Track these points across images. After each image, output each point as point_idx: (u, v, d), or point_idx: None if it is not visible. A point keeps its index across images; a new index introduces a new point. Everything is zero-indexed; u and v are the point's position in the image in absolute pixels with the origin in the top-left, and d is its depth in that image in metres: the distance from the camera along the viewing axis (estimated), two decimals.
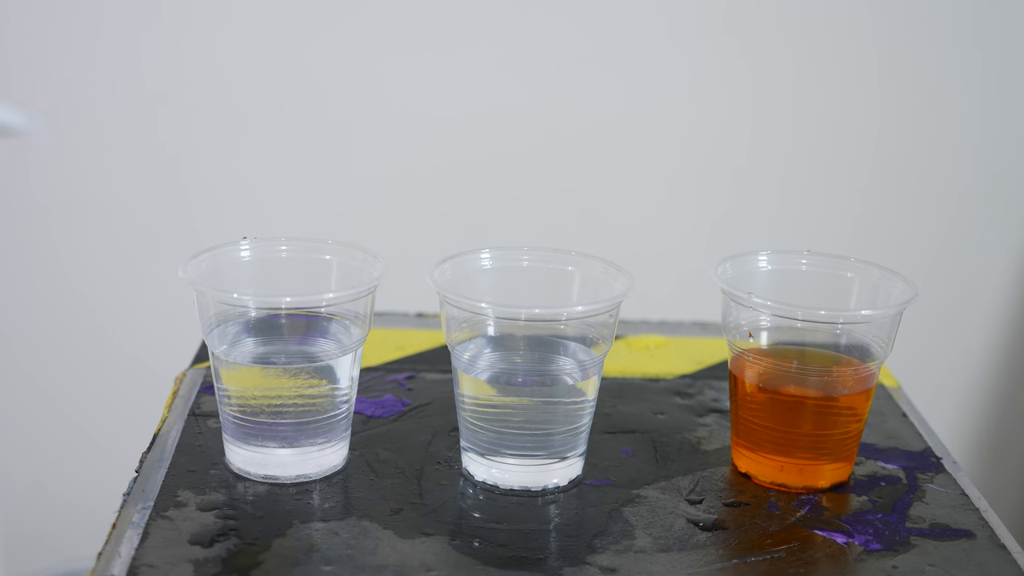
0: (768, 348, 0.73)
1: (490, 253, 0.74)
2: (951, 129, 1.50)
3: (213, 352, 0.70)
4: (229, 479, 0.71)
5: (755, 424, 0.73)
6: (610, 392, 0.84)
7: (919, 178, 1.52)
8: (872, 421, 0.81)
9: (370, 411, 0.80)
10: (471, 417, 0.71)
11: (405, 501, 0.70)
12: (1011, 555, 0.67)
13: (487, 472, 0.71)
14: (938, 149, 1.51)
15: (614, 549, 0.66)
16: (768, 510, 0.71)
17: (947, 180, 1.52)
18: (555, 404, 0.70)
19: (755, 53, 1.45)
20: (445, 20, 1.39)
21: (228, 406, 0.71)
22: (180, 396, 0.82)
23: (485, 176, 1.44)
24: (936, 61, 1.47)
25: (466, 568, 0.64)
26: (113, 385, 1.49)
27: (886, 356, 0.72)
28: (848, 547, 0.67)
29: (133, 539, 0.65)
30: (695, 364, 0.91)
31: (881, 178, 1.52)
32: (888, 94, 1.48)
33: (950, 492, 0.73)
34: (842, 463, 0.73)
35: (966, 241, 1.55)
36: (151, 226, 1.43)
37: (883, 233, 1.53)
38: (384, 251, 0.73)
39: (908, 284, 0.73)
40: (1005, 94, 1.49)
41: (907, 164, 1.52)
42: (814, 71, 1.47)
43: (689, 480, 0.74)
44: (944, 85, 1.48)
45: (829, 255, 0.76)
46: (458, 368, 0.71)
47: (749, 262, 0.76)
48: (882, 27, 1.46)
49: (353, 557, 0.64)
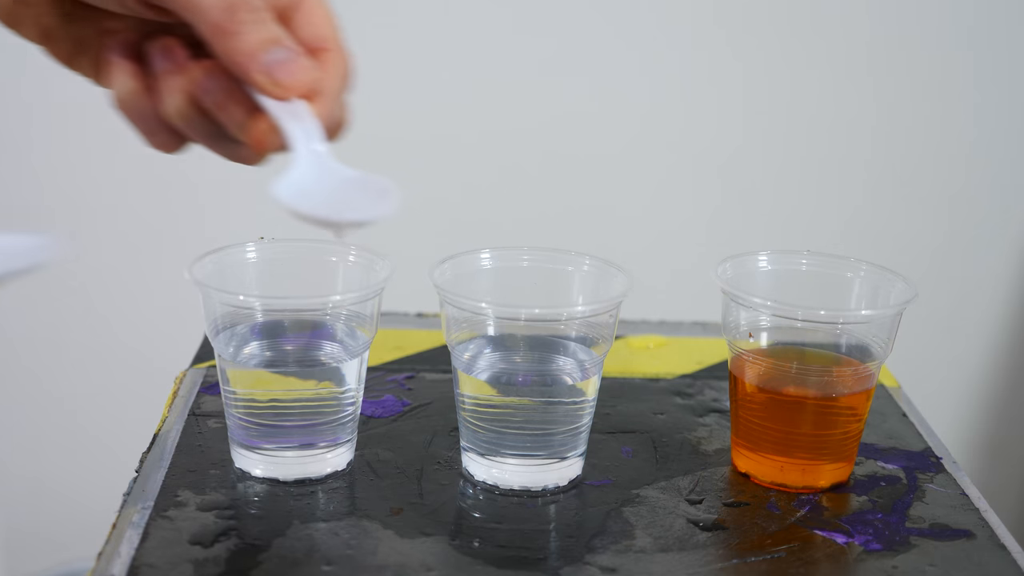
0: (768, 348, 0.73)
1: (490, 253, 0.74)
2: (951, 128, 1.50)
3: (220, 354, 0.70)
4: (229, 479, 0.71)
5: (755, 424, 0.73)
6: (610, 392, 0.84)
7: (919, 178, 1.52)
8: (872, 421, 0.81)
9: (370, 411, 0.80)
10: (471, 417, 0.71)
11: (405, 501, 0.70)
12: (1011, 555, 0.67)
13: (487, 472, 0.71)
14: (938, 149, 1.51)
15: (614, 549, 0.66)
16: (768, 510, 0.71)
17: (947, 180, 1.53)
18: (555, 404, 0.70)
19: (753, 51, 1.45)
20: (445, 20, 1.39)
21: (235, 408, 0.71)
22: (180, 396, 0.82)
23: (485, 176, 1.44)
24: (935, 60, 1.47)
25: (466, 568, 0.64)
26: (114, 384, 1.49)
27: (886, 356, 0.72)
28: (848, 547, 0.67)
29: (133, 539, 0.65)
30: (695, 364, 0.91)
31: (881, 178, 1.52)
32: (888, 93, 1.48)
33: (950, 492, 0.73)
34: (842, 463, 0.73)
35: (966, 241, 1.55)
36: (155, 226, 1.43)
37: (883, 233, 1.53)
38: (384, 251, 0.73)
39: (908, 284, 0.73)
40: (1005, 94, 1.49)
41: (907, 164, 1.52)
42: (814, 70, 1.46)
43: (689, 480, 0.74)
44: (944, 84, 1.48)
45: (829, 255, 0.76)
46: (458, 368, 0.71)
47: (749, 262, 0.76)
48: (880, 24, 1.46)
49: (353, 557, 0.64)
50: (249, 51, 0.60)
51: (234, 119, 0.64)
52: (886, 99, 1.48)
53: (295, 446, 0.71)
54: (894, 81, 1.48)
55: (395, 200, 0.58)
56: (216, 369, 0.74)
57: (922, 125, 1.50)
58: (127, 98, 0.66)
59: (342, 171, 0.60)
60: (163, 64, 0.65)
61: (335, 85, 0.63)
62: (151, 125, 0.66)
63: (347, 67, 0.65)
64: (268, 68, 0.60)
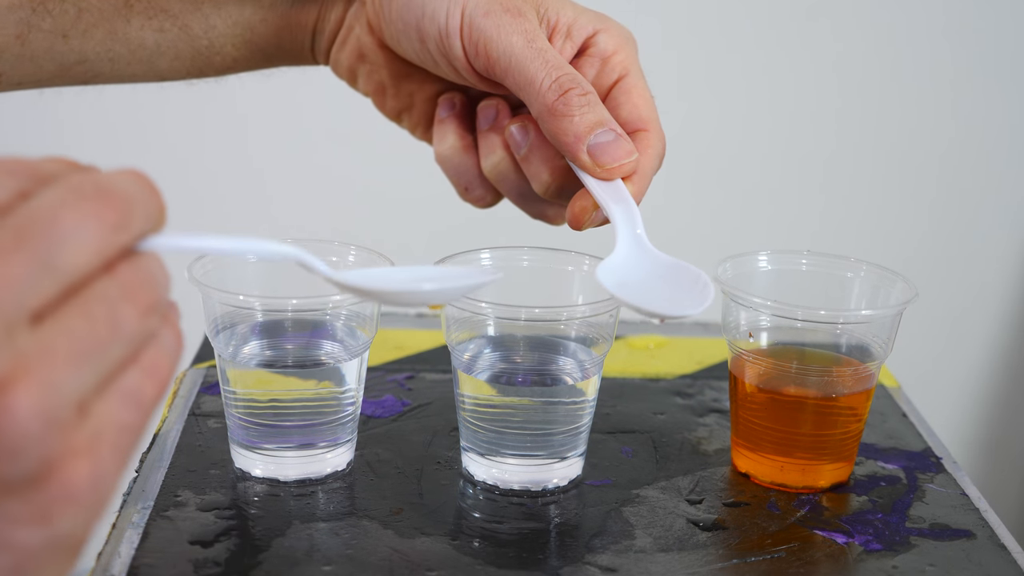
0: (768, 348, 0.73)
1: (490, 253, 0.74)
2: (952, 129, 1.50)
3: (219, 354, 0.70)
4: (229, 479, 0.71)
5: (755, 424, 0.73)
6: (610, 392, 0.84)
7: (919, 178, 1.52)
8: (872, 421, 0.81)
9: (370, 411, 0.80)
10: (471, 417, 0.71)
11: (405, 501, 0.70)
12: (1011, 555, 0.67)
13: (487, 472, 0.71)
14: (939, 149, 1.51)
15: (614, 549, 0.66)
16: (768, 510, 0.71)
17: (947, 180, 1.53)
18: (555, 404, 0.70)
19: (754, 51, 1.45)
20: None
21: (234, 408, 0.71)
22: (180, 396, 0.82)
23: None
24: (938, 60, 1.47)
25: (466, 568, 0.64)
26: None
27: (886, 356, 0.72)
28: (848, 547, 0.67)
29: (133, 539, 0.65)
30: (695, 364, 0.91)
31: (881, 178, 1.52)
32: (889, 93, 1.48)
33: (950, 492, 0.73)
34: (842, 463, 0.73)
35: (966, 241, 1.55)
36: None
37: (883, 233, 1.53)
38: (384, 251, 0.73)
39: (908, 284, 0.73)
40: (1006, 93, 1.50)
41: (907, 164, 1.52)
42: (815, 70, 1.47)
43: (689, 480, 0.74)
44: (946, 84, 1.48)
45: (829, 255, 0.76)
46: (458, 368, 0.71)
47: (749, 262, 0.76)
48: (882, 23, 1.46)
49: (353, 557, 0.64)
50: (577, 134, 0.64)
51: (539, 178, 0.69)
52: (886, 99, 1.48)
53: (295, 446, 0.71)
54: (895, 81, 1.48)
55: (709, 292, 0.60)
56: (216, 369, 0.74)
57: (922, 125, 1.50)
58: (451, 154, 0.72)
59: (658, 257, 0.63)
60: (488, 123, 0.71)
61: (650, 165, 0.67)
62: (469, 180, 0.72)
63: (663, 148, 0.68)
64: (593, 150, 0.64)
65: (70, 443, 0.37)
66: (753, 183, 1.49)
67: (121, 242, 0.39)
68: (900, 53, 1.46)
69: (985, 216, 1.54)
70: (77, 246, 0.37)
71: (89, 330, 0.37)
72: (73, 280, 0.37)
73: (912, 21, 1.46)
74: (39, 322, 0.37)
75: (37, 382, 0.36)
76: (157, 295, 0.40)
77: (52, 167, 0.40)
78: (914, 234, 1.53)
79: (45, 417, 0.36)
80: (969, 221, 1.54)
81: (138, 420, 0.39)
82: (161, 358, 0.40)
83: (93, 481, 0.37)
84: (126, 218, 0.39)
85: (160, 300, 0.40)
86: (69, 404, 0.37)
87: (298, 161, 1.43)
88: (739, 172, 1.49)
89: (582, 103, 0.64)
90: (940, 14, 1.46)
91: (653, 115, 0.68)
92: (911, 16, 1.46)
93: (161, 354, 0.40)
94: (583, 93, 0.64)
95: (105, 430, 0.38)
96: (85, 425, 0.37)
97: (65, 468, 0.37)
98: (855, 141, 1.50)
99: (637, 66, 0.70)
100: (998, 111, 1.50)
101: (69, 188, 0.38)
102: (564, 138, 0.64)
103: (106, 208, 0.38)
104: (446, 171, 0.74)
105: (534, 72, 0.64)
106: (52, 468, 0.37)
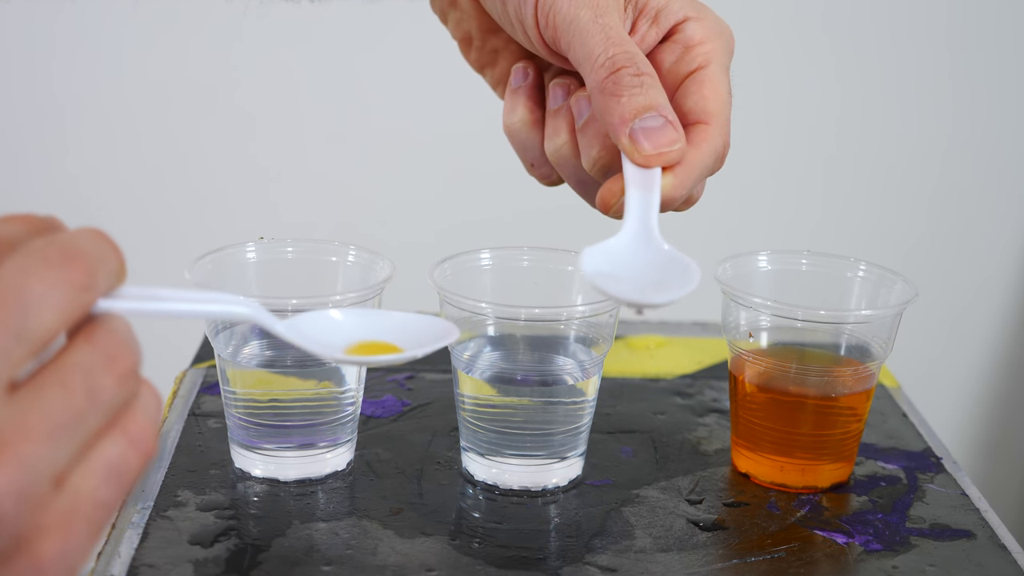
0: (768, 348, 0.73)
1: (490, 253, 0.74)
2: (951, 129, 1.50)
3: (219, 354, 0.70)
4: (229, 479, 0.71)
5: (755, 424, 0.73)
6: (610, 392, 0.84)
7: (919, 178, 1.52)
8: (872, 421, 0.81)
9: (370, 411, 0.80)
10: (471, 417, 0.71)
11: (405, 501, 0.70)
12: (1011, 555, 0.67)
13: (487, 472, 0.71)
14: (939, 148, 1.51)
15: (614, 549, 0.66)
16: (768, 510, 0.71)
17: (948, 180, 1.52)
18: (555, 404, 0.70)
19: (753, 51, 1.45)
20: None
21: (234, 408, 0.71)
22: (180, 396, 0.82)
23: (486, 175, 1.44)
24: (938, 59, 1.47)
25: (466, 568, 0.64)
26: None
27: (886, 356, 0.72)
28: (848, 547, 0.67)
29: (133, 539, 0.65)
30: (695, 364, 0.91)
31: (881, 178, 1.52)
32: (889, 92, 1.48)
33: (950, 492, 0.73)
34: (842, 463, 0.73)
35: (966, 241, 1.55)
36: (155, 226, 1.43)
37: (883, 233, 1.53)
38: (384, 251, 0.73)
39: (908, 284, 0.73)
40: (1007, 93, 1.49)
41: (907, 163, 1.51)
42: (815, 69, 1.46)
43: (689, 480, 0.74)
44: (945, 84, 1.48)
45: (829, 255, 0.76)
46: (458, 368, 0.71)
47: (749, 262, 0.76)
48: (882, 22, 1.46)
49: (353, 557, 0.64)
50: (622, 115, 0.61)
51: (589, 152, 0.65)
52: (886, 99, 1.48)
53: (295, 446, 0.71)
54: (895, 81, 1.48)
55: (694, 280, 0.57)
56: (216, 369, 0.74)
57: (922, 125, 1.50)
58: (519, 127, 0.69)
59: (660, 249, 0.60)
60: (556, 103, 0.68)
61: (700, 160, 0.63)
62: (534, 156, 0.70)
63: (722, 147, 0.64)
64: (635, 135, 0.61)
65: (43, 519, 0.36)
66: (753, 183, 1.49)
67: (88, 301, 0.39)
68: (900, 53, 1.46)
69: (985, 216, 1.54)
70: (47, 311, 0.37)
71: (66, 401, 0.37)
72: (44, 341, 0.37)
73: (912, 21, 1.46)
74: (14, 392, 0.36)
75: (13, 457, 0.35)
76: (133, 359, 0.40)
77: (12, 230, 0.39)
78: (914, 234, 1.53)
79: (20, 495, 0.35)
80: (969, 221, 1.54)
81: (116, 496, 0.39)
82: (146, 425, 0.40)
83: (63, 557, 0.37)
84: (92, 278, 0.39)
85: (136, 364, 0.40)
86: (45, 480, 0.36)
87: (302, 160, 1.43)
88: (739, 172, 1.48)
89: (633, 84, 0.61)
90: (940, 14, 1.46)
91: (721, 110, 0.64)
92: (911, 16, 1.46)
93: (145, 420, 0.40)
94: (637, 73, 0.61)
95: (81, 505, 0.37)
96: (60, 499, 0.37)
97: (35, 544, 0.36)
98: (855, 141, 1.50)
99: (721, 60, 0.67)
100: (998, 111, 1.50)
101: (33, 254, 0.38)
102: (609, 118, 0.61)
103: (72, 271, 0.38)
104: (513, 143, 0.71)
105: (592, 46, 0.62)
106: (22, 544, 0.36)
